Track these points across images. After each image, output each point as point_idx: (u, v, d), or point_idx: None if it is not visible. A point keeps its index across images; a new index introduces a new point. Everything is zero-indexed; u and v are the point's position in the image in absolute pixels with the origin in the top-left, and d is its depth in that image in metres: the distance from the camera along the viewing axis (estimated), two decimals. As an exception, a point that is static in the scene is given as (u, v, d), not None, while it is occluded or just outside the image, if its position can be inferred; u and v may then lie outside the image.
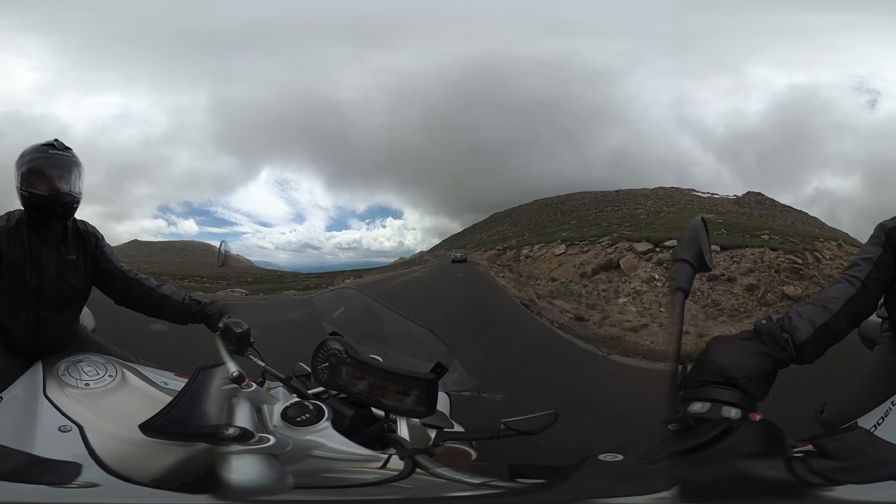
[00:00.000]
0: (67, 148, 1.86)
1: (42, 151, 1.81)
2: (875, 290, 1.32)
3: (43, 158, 1.80)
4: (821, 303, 1.25)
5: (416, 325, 1.50)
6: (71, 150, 1.87)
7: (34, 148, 1.83)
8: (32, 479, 0.96)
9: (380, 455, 1.11)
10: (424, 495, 1.05)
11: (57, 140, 1.85)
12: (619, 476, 0.90)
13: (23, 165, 1.80)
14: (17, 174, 1.80)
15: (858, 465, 0.83)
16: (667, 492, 0.81)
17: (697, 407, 0.99)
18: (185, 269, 16.90)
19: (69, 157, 1.85)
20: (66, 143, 1.87)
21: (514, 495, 0.98)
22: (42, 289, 1.80)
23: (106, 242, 1.99)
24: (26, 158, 1.81)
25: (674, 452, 0.90)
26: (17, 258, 1.76)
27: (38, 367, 1.64)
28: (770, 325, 1.16)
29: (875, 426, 1.18)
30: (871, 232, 1.42)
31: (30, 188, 1.77)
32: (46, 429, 1.28)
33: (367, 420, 1.24)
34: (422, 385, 1.16)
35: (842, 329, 1.24)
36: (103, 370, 1.59)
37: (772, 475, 0.81)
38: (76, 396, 1.44)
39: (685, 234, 1.14)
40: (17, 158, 1.82)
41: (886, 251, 1.35)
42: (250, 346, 1.55)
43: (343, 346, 1.30)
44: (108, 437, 1.23)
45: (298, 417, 1.16)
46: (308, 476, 1.08)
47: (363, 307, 1.61)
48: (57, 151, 1.83)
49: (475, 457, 1.38)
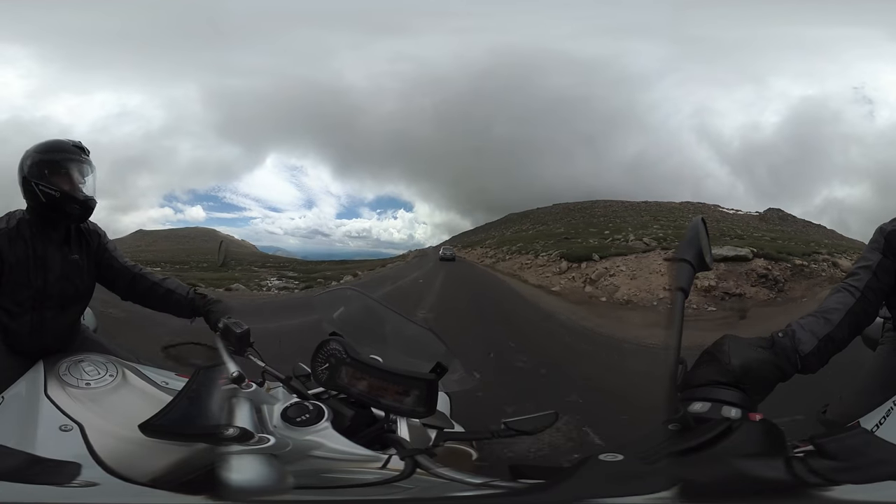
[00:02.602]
0: (89, 152, 1.85)
1: (73, 153, 1.79)
2: (874, 299, 1.31)
3: (73, 161, 1.77)
4: (822, 314, 1.25)
5: (416, 325, 1.50)
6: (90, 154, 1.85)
7: (60, 146, 1.78)
8: (32, 478, 0.96)
9: (380, 455, 1.11)
10: (425, 495, 1.05)
11: (80, 143, 1.84)
12: (619, 476, 0.89)
13: (48, 161, 1.74)
14: (35, 169, 1.73)
15: (858, 466, 0.83)
16: (667, 492, 0.81)
17: (697, 407, 0.99)
18: (178, 256, 16.96)
19: (90, 161, 1.84)
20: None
21: (514, 495, 0.98)
22: (46, 290, 1.79)
23: (108, 239, 1.98)
24: (52, 154, 1.75)
25: (674, 452, 0.90)
26: (21, 260, 1.73)
27: (39, 366, 1.64)
28: (787, 340, 1.16)
29: (877, 426, 1.18)
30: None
31: (50, 187, 1.72)
32: (47, 428, 1.28)
33: (367, 420, 1.24)
34: (422, 385, 1.16)
35: (844, 339, 1.24)
36: (104, 370, 1.59)
37: (772, 475, 0.81)
38: (77, 396, 1.45)
39: (685, 234, 1.15)
40: (35, 150, 1.76)
41: (886, 256, 1.34)
42: (250, 346, 1.55)
43: (343, 347, 1.30)
44: (109, 437, 1.23)
45: (298, 418, 1.16)
46: (308, 476, 1.08)
47: (363, 307, 1.61)
48: (84, 156, 1.81)
49: (476, 457, 1.38)
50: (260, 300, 12.84)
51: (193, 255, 15.98)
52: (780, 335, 1.17)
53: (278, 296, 13.73)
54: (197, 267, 14.66)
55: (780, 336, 1.16)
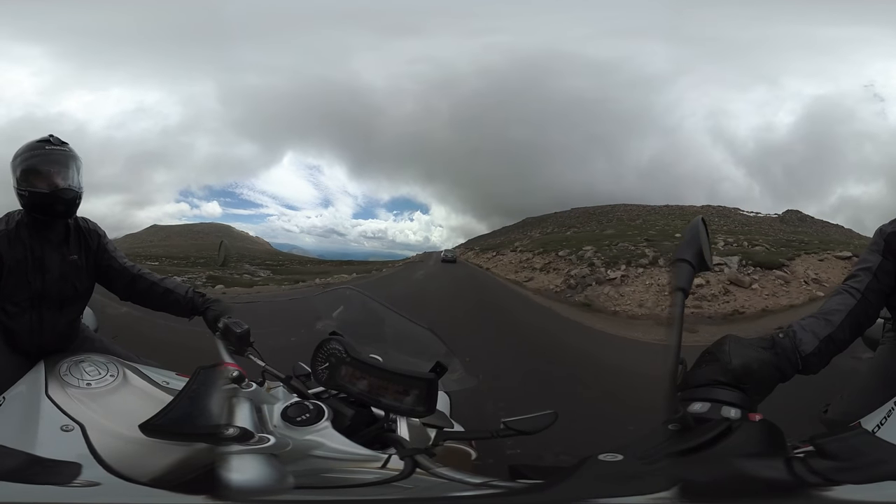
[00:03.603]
0: (63, 142, 1.79)
1: (37, 148, 1.74)
2: (875, 300, 1.32)
3: (39, 155, 1.73)
4: (823, 315, 1.25)
5: (416, 324, 1.50)
6: (67, 145, 1.79)
7: (29, 145, 1.75)
8: (33, 478, 0.96)
9: (380, 455, 1.11)
10: (424, 495, 1.05)
11: (52, 135, 1.78)
12: (619, 476, 0.89)
13: (19, 165, 1.73)
14: (14, 174, 1.74)
15: (858, 466, 0.83)
16: (667, 492, 0.81)
17: (697, 407, 0.99)
18: (187, 251, 16.85)
19: (66, 151, 1.77)
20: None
21: (514, 495, 0.98)
22: (45, 290, 1.79)
23: (108, 239, 1.97)
24: (22, 157, 1.73)
25: (674, 452, 0.90)
26: (20, 261, 1.74)
27: (40, 367, 1.64)
28: (787, 341, 1.16)
29: (878, 426, 1.17)
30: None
31: (28, 187, 1.71)
32: (48, 428, 1.28)
33: (367, 420, 1.24)
34: (422, 385, 1.16)
35: (845, 340, 1.24)
36: (105, 370, 1.59)
37: (772, 475, 0.81)
38: (78, 396, 1.45)
39: (685, 235, 1.14)
40: (11, 158, 1.75)
41: (886, 258, 1.34)
42: (250, 345, 1.55)
43: (343, 346, 1.30)
44: (110, 437, 1.23)
45: (298, 417, 1.16)
46: (308, 476, 1.08)
47: (363, 307, 1.61)
48: (53, 147, 1.75)
49: (475, 457, 1.38)
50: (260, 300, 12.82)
51: (204, 251, 15.89)
52: (781, 336, 1.17)
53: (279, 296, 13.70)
54: (194, 264, 14.60)
55: (780, 336, 1.16)
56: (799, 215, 18.39)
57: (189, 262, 15.33)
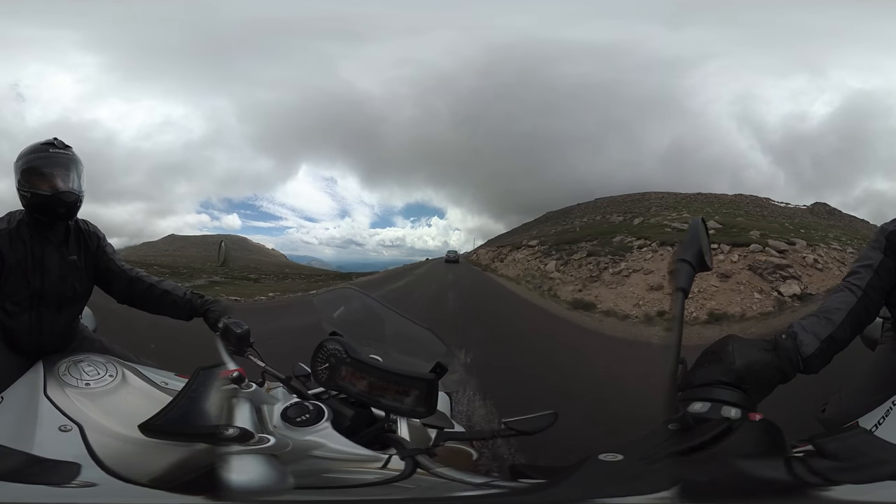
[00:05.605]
0: (67, 146, 1.82)
1: (41, 150, 1.77)
2: (876, 297, 1.32)
3: (42, 158, 1.76)
4: (823, 314, 1.25)
5: (416, 325, 1.50)
6: (70, 149, 1.83)
7: (33, 147, 1.78)
8: (31, 478, 0.96)
9: (380, 455, 1.11)
10: (425, 495, 1.04)
11: (56, 139, 1.82)
12: (619, 476, 0.89)
13: (22, 165, 1.76)
14: (17, 174, 1.77)
15: (858, 465, 0.83)
16: (667, 492, 0.81)
17: (697, 407, 0.99)
18: (197, 262, 16.68)
19: (69, 155, 1.80)
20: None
21: (514, 495, 0.98)
22: (44, 290, 1.80)
23: (107, 242, 1.98)
24: (25, 158, 1.76)
25: (674, 452, 0.90)
26: (20, 260, 1.75)
27: (38, 366, 1.64)
28: (789, 342, 1.17)
29: (876, 426, 1.18)
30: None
31: (30, 188, 1.74)
32: (47, 428, 1.28)
33: (368, 420, 1.24)
34: (422, 385, 1.15)
35: (846, 338, 1.25)
36: (104, 370, 1.59)
37: (771, 475, 0.81)
38: (77, 396, 1.45)
39: (685, 234, 1.15)
40: (15, 159, 1.78)
41: (887, 256, 1.35)
42: (250, 346, 1.55)
43: (343, 347, 1.30)
44: (108, 437, 1.23)
45: (298, 418, 1.16)
46: (308, 476, 1.07)
47: (363, 307, 1.61)
48: (56, 150, 1.78)
49: (476, 457, 1.38)
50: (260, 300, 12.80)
51: (208, 263, 15.78)
52: (783, 337, 1.17)
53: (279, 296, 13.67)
54: (193, 275, 14.52)
55: (782, 338, 1.17)
56: (827, 208, 18.21)
57: (189, 272, 15.26)
